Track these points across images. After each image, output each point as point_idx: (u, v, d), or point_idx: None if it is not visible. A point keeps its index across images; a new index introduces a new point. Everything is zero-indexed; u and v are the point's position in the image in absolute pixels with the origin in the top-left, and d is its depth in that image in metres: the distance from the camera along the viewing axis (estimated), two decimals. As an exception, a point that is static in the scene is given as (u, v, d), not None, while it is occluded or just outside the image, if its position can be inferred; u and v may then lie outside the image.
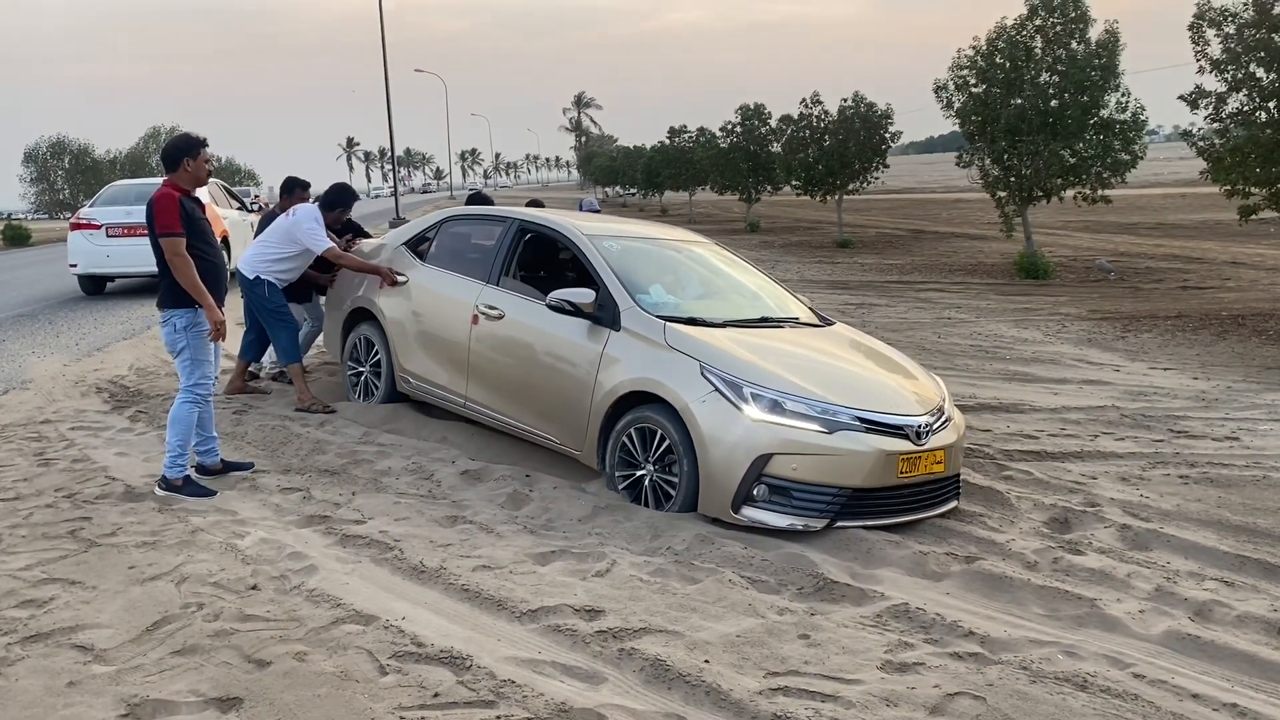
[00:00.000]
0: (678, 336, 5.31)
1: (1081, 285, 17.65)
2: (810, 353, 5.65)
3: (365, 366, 7.40)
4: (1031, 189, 19.02)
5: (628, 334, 5.47)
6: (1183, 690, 3.50)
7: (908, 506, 5.09)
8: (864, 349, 6.07)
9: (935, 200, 47.84)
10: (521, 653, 3.58)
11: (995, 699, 3.32)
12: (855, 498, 4.89)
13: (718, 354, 5.16)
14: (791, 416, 4.87)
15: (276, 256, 7.44)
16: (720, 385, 4.97)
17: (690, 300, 6.09)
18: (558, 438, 5.82)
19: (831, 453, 4.83)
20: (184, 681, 3.34)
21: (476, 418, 6.48)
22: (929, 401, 5.38)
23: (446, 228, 7.24)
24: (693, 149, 44.18)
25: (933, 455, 5.08)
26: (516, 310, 6.15)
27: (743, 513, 4.86)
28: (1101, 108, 18.34)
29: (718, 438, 4.88)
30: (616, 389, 5.36)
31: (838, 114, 28.25)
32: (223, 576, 4.23)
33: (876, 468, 4.89)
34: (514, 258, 6.54)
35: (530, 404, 5.99)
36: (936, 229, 31.63)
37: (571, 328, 5.71)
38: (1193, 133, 13.52)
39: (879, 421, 4.98)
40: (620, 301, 5.60)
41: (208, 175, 5.47)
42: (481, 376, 6.33)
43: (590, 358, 5.57)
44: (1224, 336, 12.00)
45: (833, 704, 3.25)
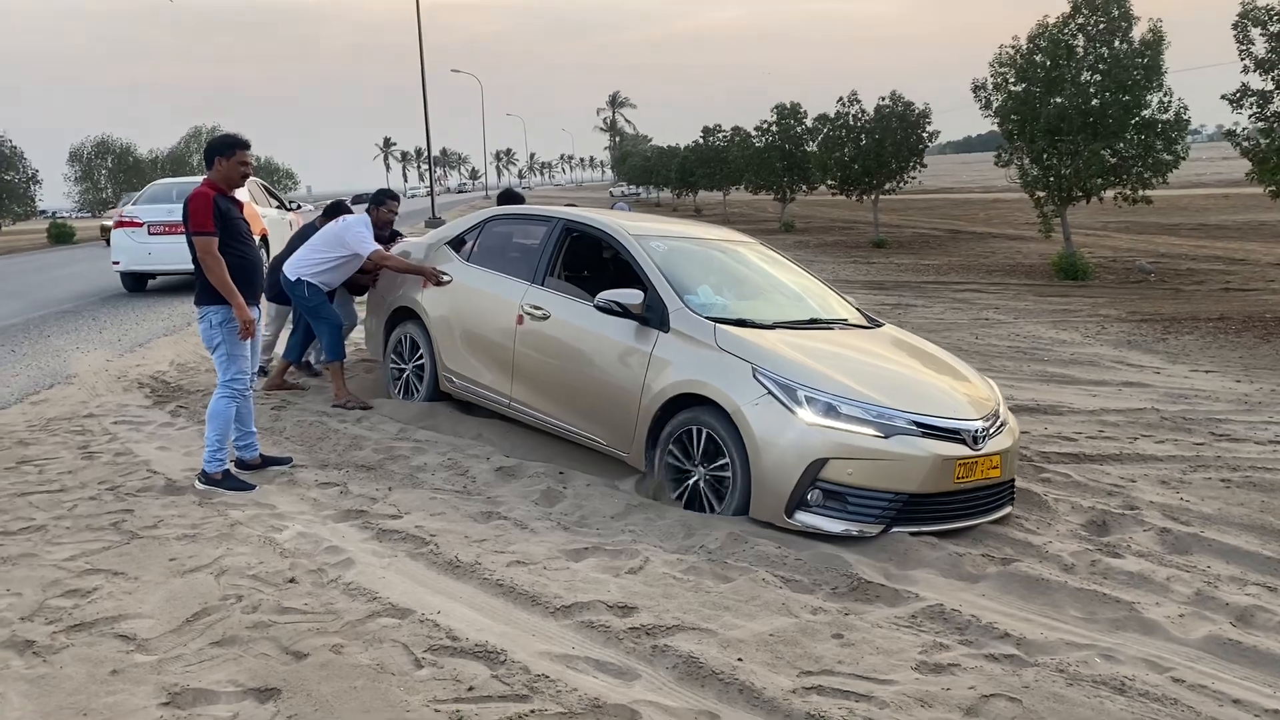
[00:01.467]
0: (728, 338, 5.25)
1: (1121, 287, 17.43)
2: (862, 355, 5.56)
3: (407, 365, 7.40)
4: (1071, 189, 18.80)
5: (677, 335, 5.42)
6: (1223, 695, 3.45)
7: (963, 512, 4.99)
8: (915, 351, 5.98)
9: (973, 200, 47.41)
10: (555, 648, 3.60)
11: (1031, 701, 3.30)
12: (911, 503, 4.80)
13: (770, 356, 5.09)
14: (846, 420, 4.79)
15: (321, 260, 7.48)
16: (773, 388, 4.90)
17: (738, 301, 6.01)
18: (604, 439, 5.79)
19: (888, 457, 4.74)
20: (223, 672, 3.39)
21: (521, 418, 6.45)
22: (985, 405, 5.28)
23: (490, 227, 7.22)
24: (727, 148, 44.09)
25: (989, 460, 4.98)
26: (562, 310, 6.12)
27: (796, 517, 4.79)
28: (1144, 107, 18.09)
29: (771, 441, 4.81)
30: (665, 391, 5.31)
31: (875, 113, 28.08)
32: (261, 569, 4.29)
33: (933, 473, 4.79)
34: (559, 258, 6.50)
35: (576, 405, 5.96)
36: (974, 229, 31.35)
37: (619, 329, 5.68)
38: (1237, 132, 13.30)
39: (936, 426, 4.89)
40: (669, 303, 5.55)
41: (241, 176, 5.49)
42: (526, 377, 6.31)
43: (638, 359, 5.53)
44: (1268, 339, 11.80)
45: (866, 704, 3.24)
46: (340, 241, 7.45)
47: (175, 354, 9.83)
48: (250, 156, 5.52)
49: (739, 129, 43.55)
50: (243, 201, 5.72)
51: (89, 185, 54.72)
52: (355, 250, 7.38)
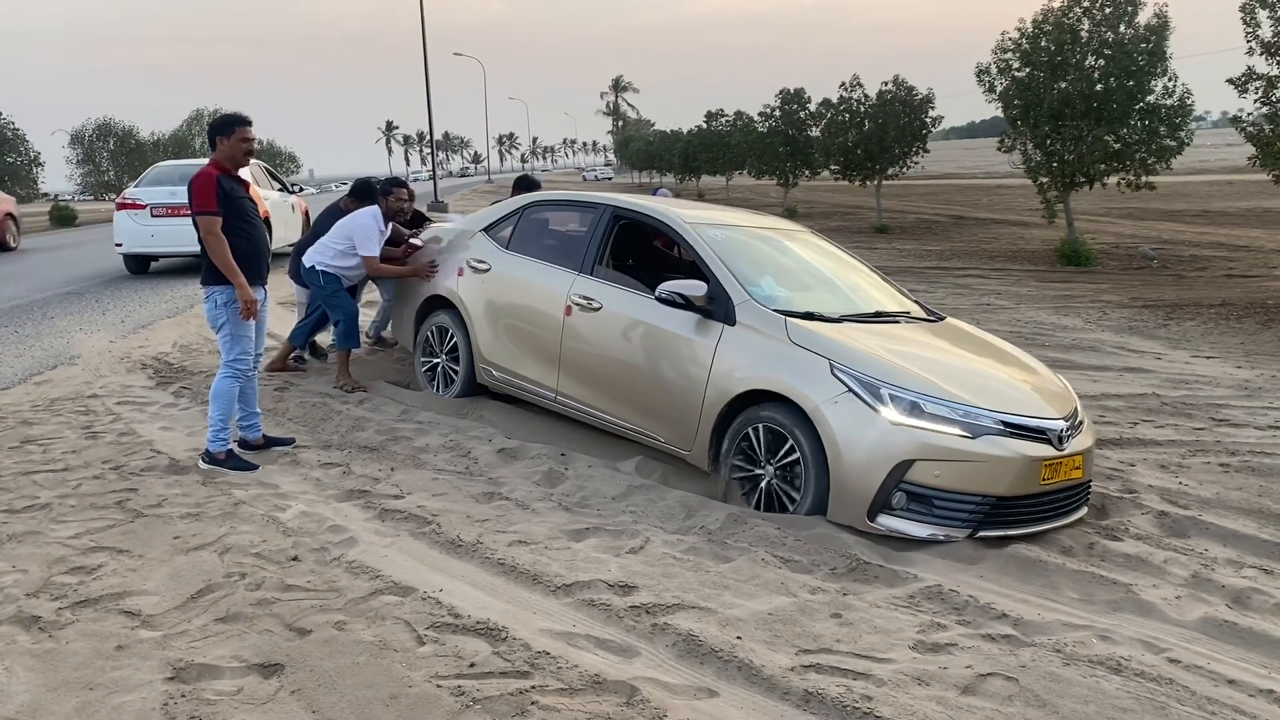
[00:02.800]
0: (802, 333, 5.03)
1: (1124, 273, 17.41)
2: (936, 351, 5.34)
3: (441, 356, 7.18)
4: (1074, 174, 18.76)
5: (744, 329, 5.19)
6: (1219, 676, 3.49)
7: (1047, 514, 4.79)
8: (984, 345, 5.77)
9: (976, 186, 47.30)
10: (556, 625, 3.63)
11: (1028, 680, 3.33)
12: (998, 506, 4.61)
13: (849, 351, 4.86)
14: (932, 420, 4.58)
15: (335, 251, 7.39)
16: (854, 385, 4.69)
17: (801, 293, 5.77)
18: (663, 436, 5.56)
19: (975, 459, 4.53)
20: (227, 648, 3.42)
21: (567, 413, 6.23)
22: (1065, 403, 5.10)
23: (529, 214, 6.95)
24: (730, 133, 43.97)
25: (1072, 460, 4.79)
26: (615, 302, 5.88)
27: (879, 521, 4.60)
28: (1148, 93, 18.03)
29: (852, 441, 4.60)
30: (732, 387, 5.09)
31: (878, 98, 28.00)
32: (264, 548, 4.32)
33: (1022, 475, 4.59)
34: (607, 246, 6.24)
35: (631, 401, 5.73)
36: (977, 215, 31.30)
37: (679, 321, 5.46)
38: (1241, 117, 13.27)
39: (1022, 425, 4.69)
40: (734, 295, 5.32)
41: (245, 155, 5.49)
42: (575, 370, 6.08)
43: (701, 354, 5.29)
44: (1269, 325, 11.81)
45: (864, 682, 3.27)
46: (346, 232, 7.38)
47: (178, 335, 9.85)
48: (252, 133, 5.50)
49: (742, 114, 43.46)
50: (248, 181, 5.71)
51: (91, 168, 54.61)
52: (355, 245, 7.32)
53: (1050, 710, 3.16)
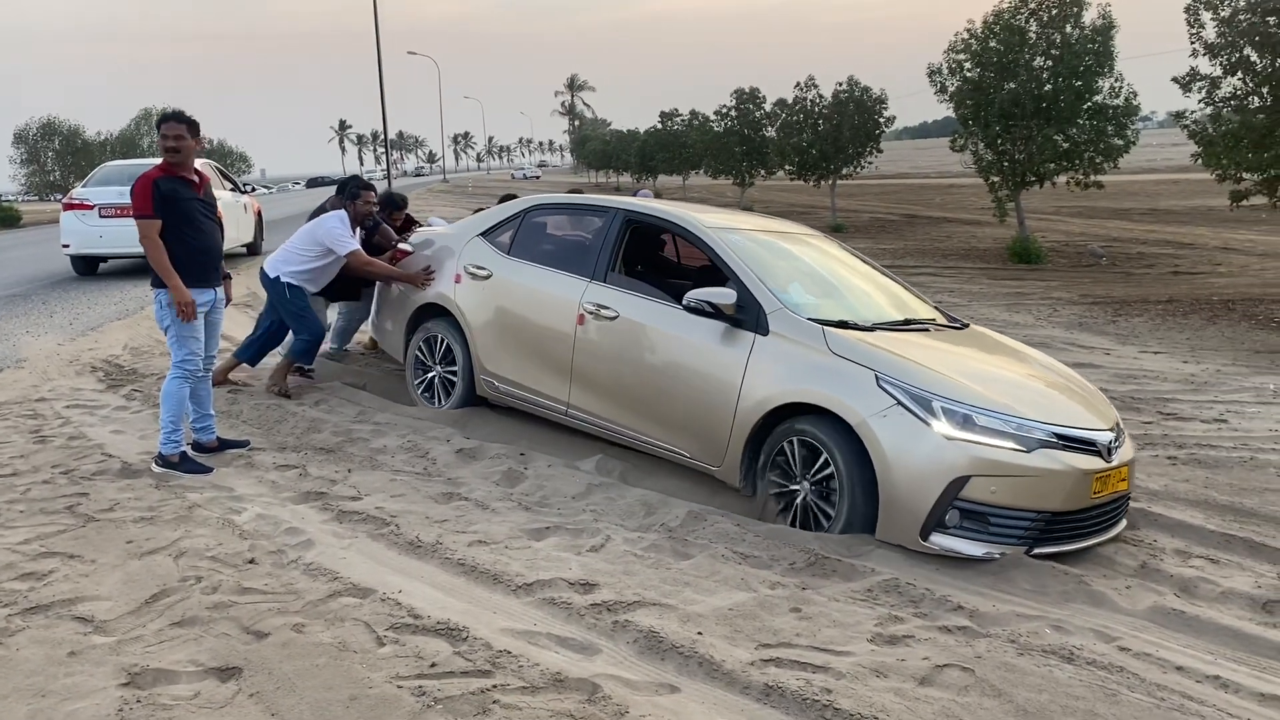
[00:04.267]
0: (842, 342, 4.78)
1: (1073, 270, 17.72)
2: (973, 360, 5.12)
3: (436, 367, 6.85)
4: (1024, 174, 19.09)
5: (778, 339, 4.94)
6: (1167, 663, 3.57)
7: (1095, 529, 4.64)
8: (1017, 353, 5.56)
9: (929, 185, 47.86)
10: (517, 624, 3.63)
11: (983, 670, 3.38)
12: (1052, 522, 4.45)
13: (894, 362, 4.63)
14: (985, 433, 4.37)
15: (299, 258, 7.05)
16: (903, 398, 4.46)
17: (828, 300, 5.53)
18: (689, 452, 5.27)
19: (1031, 473, 4.34)
20: (183, 652, 3.38)
21: (579, 426, 5.93)
22: (1108, 413, 4.97)
23: (531, 218, 6.60)
24: (686, 133, 44.12)
25: (1119, 473, 4.65)
26: (632, 310, 5.59)
27: (933, 540, 4.38)
28: (1095, 93, 18.38)
29: (904, 457, 4.38)
30: (768, 400, 4.83)
31: (832, 98, 28.25)
32: (220, 551, 4.27)
33: (1075, 489, 4.42)
34: (620, 252, 5.94)
35: (653, 414, 5.42)
36: (930, 214, 31.67)
37: (704, 331, 5.19)
38: (1185, 116, 13.56)
39: (1074, 438, 4.52)
40: (765, 303, 5.06)
41: (167, 152, 5.28)
42: (588, 382, 5.77)
43: (732, 365, 5.02)
44: (1214, 321, 12.09)
45: (823, 675, 3.31)
46: (314, 239, 7.01)
47: (129, 337, 9.69)
48: (174, 129, 5.31)
49: (697, 113, 43.63)
50: (202, 181, 5.58)
51: (35, 168, 53.53)
52: (331, 249, 6.97)
53: (1005, 699, 3.21)
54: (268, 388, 7.15)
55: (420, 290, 6.89)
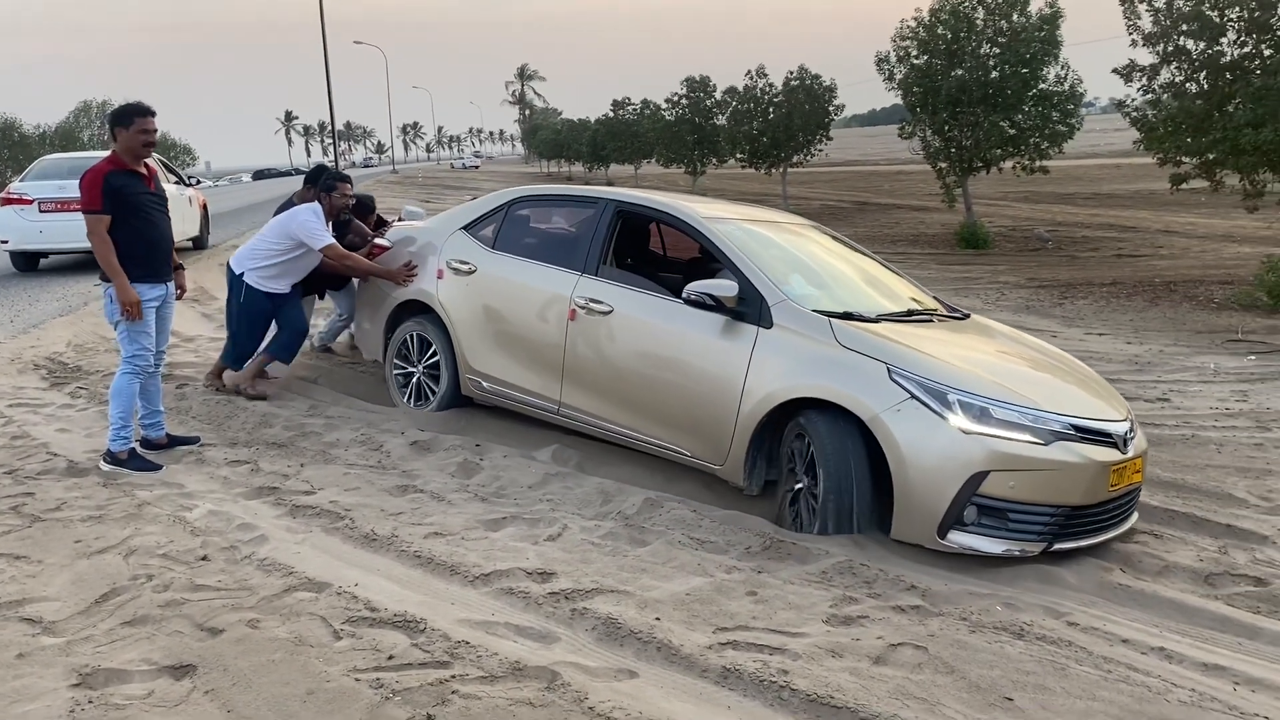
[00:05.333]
0: (851, 335, 4.64)
1: (1020, 254, 17.99)
2: (982, 351, 4.99)
3: (418, 367, 6.60)
4: (972, 160, 19.34)
5: (783, 331, 4.78)
6: (1114, 636, 3.66)
7: (1110, 523, 4.54)
8: (1024, 343, 5.44)
9: (878, 172, 48.28)
10: (475, 615, 3.62)
11: (936, 648, 3.44)
12: (1071, 517, 4.34)
13: (905, 355, 4.49)
14: (1002, 426, 4.25)
15: (268, 253, 6.72)
16: (918, 391, 4.32)
17: (829, 291, 5.36)
18: (690, 451, 5.11)
19: (1050, 467, 4.23)
20: (136, 651, 3.33)
21: (573, 426, 5.75)
22: (1121, 403, 4.88)
23: (515, 210, 6.40)
24: (638, 121, 44.12)
25: (1134, 464, 4.54)
26: (628, 304, 5.41)
27: (950, 538, 4.25)
28: (1041, 80, 18.66)
29: (919, 452, 4.24)
30: (774, 396, 4.66)
31: (783, 86, 28.39)
32: (171, 548, 4.21)
33: (1094, 482, 4.31)
34: (611, 244, 5.76)
35: (651, 412, 5.25)
36: (879, 201, 31.96)
37: (704, 325, 5.02)
38: (1127, 103, 13.81)
39: (1091, 429, 4.41)
40: (768, 295, 4.90)
41: (144, 146, 5.29)
42: (582, 380, 5.59)
43: (734, 359, 4.86)
44: (1156, 303, 12.35)
45: (780, 656, 3.35)
46: (286, 233, 6.67)
47: (72, 335, 9.50)
48: (153, 124, 5.30)
49: (649, 102, 43.62)
50: (152, 174, 5.49)
51: (-30, 163, 52.22)
52: (305, 243, 6.62)
53: (958, 676, 3.27)
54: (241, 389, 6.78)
55: (400, 287, 6.66)
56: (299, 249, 6.68)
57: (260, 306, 6.77)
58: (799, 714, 3.04)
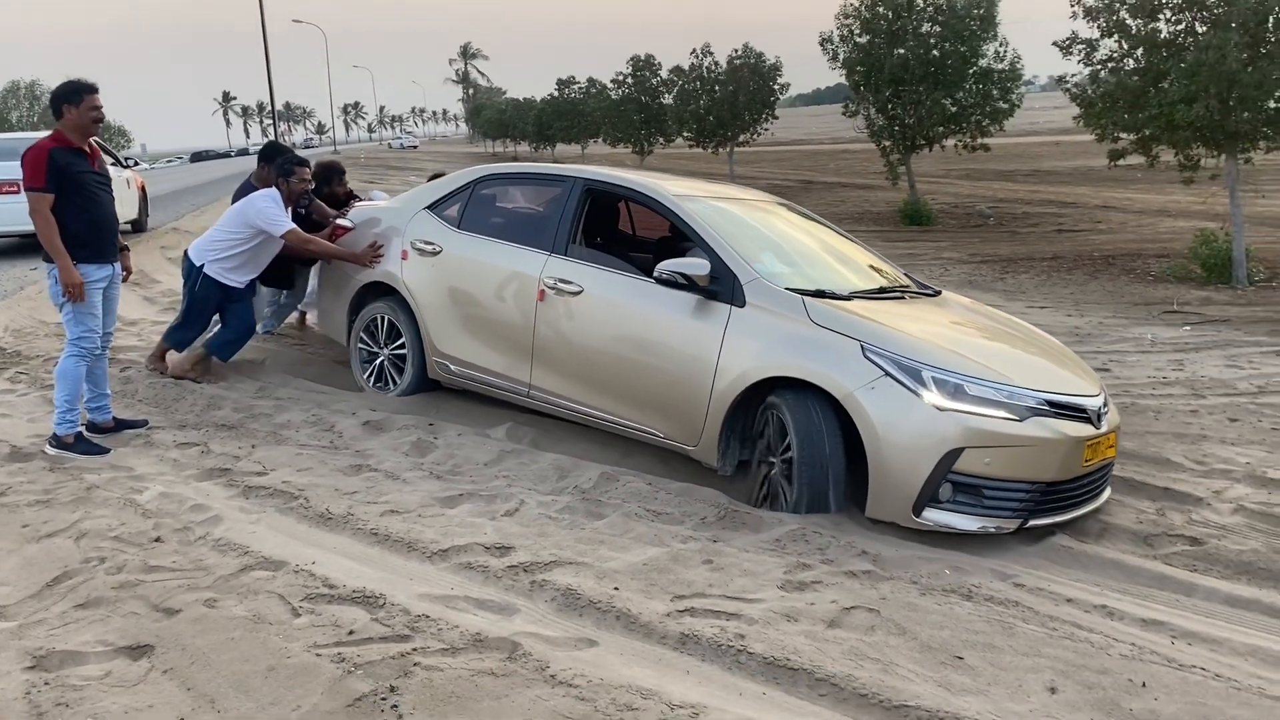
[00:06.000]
0: (824, 313, 4.60)
1: (963, 230, 18.26)
2: (954, 328, 4.98)
3: (383, 350, 6.49)
4: (914, 138, 19.54)
5: (756, 310, 4.74)
6: (1058, 596, 3.79)
7: (1084, 498, 4.56)
8: (995, 319, 5.47)
9: (823, 151, 48.59)
10: (434, 590, 3.64)
11: (888, 611, 3.53)
12: (1047, 493, 4.34)
13: (879, 332, 4.47)
14: (977, 403, 4.23)
15: (227, 242, 6.52)
16: (891, 369, 4.30)
17: (800, 268, 5.31)
18: (662, 431, 5.05)
19: (1025, 443, 4.22)
20: (91, 633, 3.30)
21: (543, 408, 5.67)
22: (1093, 379, 4.89)
23: (481, 189, 6.27)
24: (584, 101, 43.91)
25: (1107, 439, 4.56)
26: (598, 284, 5.33)
27: (925, 516, 4.24)
28: (980, 57, 18.89)
29: (894, 429, 4.22)
30: (748, 375, 4.62)
31: (728, 65, 28.43)
32: (123, 531, 4.17)
33: (1069, 457, 4.32)
34: (580, 223, 5.67)
35: (623, 393, 5.18)
36: (825, 179, 32.19)
37: (676, 304, 4.97)
38: (1066, 79, 14.04)
39: (1065, 404, 4.40)
40: (740, 273, 4.85)
41: (93, 123, 5.20)
42: (552, 361, 5.50)
43: (707, 339, 4.81)
44: (1096, 276, 12.63)
45: (737, 622, 3.41)
46: (244, 220, 6.48)
47: (9, 319, 9.27)
48: (100, 101, 5.21)
49: (595, 81, 43.42)
50: (97, 153, 5.39)
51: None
52: (263, 230, 6.45)
53: (910, 637, 3.36)
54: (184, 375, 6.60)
55: (364, 268, 6.54)
56: (259, 237, 6.50)
57: (214, 297, 6.62)
58: (756, 676, 3.11)
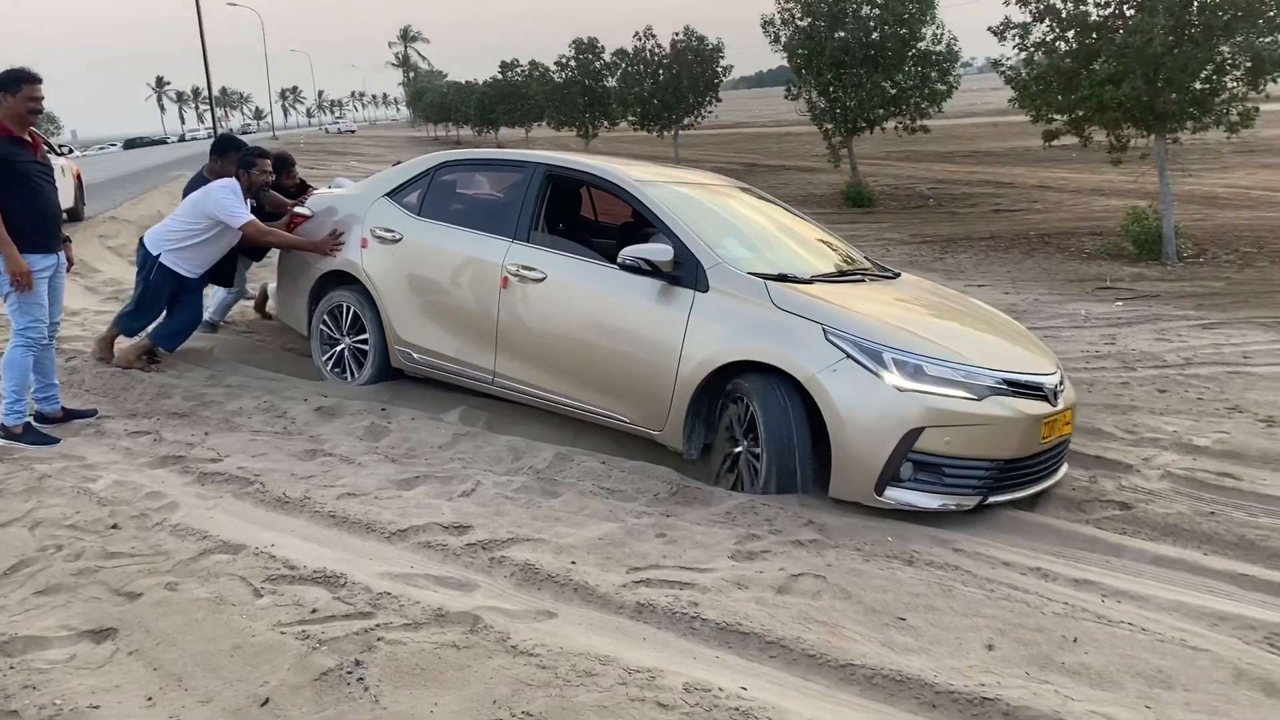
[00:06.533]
0: (786, 296, 4.66)
1: (903, 212, 18.56)
2: (914, 309, 5.07)
3: (345, 339, 6.46)
4: (856, 120, 19.78)
5: (720, 295, 4.77)
6: (995, 559, 3.97)
7: (1042, 475, 4.66)
8: (953, 300, 5.57)
9: (766, 134, 48.84)
10: (395, 568, 3.72)
11: (834, 577, 3.68)
12: (1005, 470, 4.43)
13: (840, 315, 4.53)
14: (936, 383, 4.31)
15: (184, 233, 6.45)
16: (853, 351, 4.36)
17: (762, 253, 5.34)
18: (628, 417, 5.08)
19: (983, 421, 4.29)
20: (53, 618, 3.34)
21: (508, 395, 5.67)
22: (1049, 357, 4.98)
23: (440, 175, 6.23)
24: (526, 84, 43.68)
25: (1064, 416, 4.65)
26: (562, 270, 5.33)
27: (887, 495, 4.32)
28: (919, 40, 19.16)
29: (856, 411, 4.29)
30: (712, 360, 4.68)
31: (671, 48, 28.48)
32: (79, 519, 4.18)
33: (1027, 435, 4.40)
34: (542, 210, 5.67)
35: (588, 380, 5.20)
36: (769, 162, 32.41)
37: (640, 290, 4.99)
38: (1001, 62, 14.32)
39: (1022, 383, 4.49)
40: (703, 258, 4.88)
41: (31, 114, 5.13)
42: (516, 349, 5.50)
43: (671, 324, 4.84)
44: (1032, 254, 12.95)
45: (690, 590, 3.54)
46: (202, 211, 6.42)
47: (-55, 312, 9.12)
48: (41, 91, 5.12)
49: (537, 64, 43.20)
50: (38, 141, 5.33)
51: None
52: (222, 221, 6.40)
53: (855, 600, 3.51)
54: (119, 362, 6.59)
55: (324, 257, 6.48)
56: (216, 227, 6.45)
57: (168, 286, 6.55)
58: (710, 641, 3.25)
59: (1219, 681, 3.05)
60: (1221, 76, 11.60)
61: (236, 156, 6.77)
